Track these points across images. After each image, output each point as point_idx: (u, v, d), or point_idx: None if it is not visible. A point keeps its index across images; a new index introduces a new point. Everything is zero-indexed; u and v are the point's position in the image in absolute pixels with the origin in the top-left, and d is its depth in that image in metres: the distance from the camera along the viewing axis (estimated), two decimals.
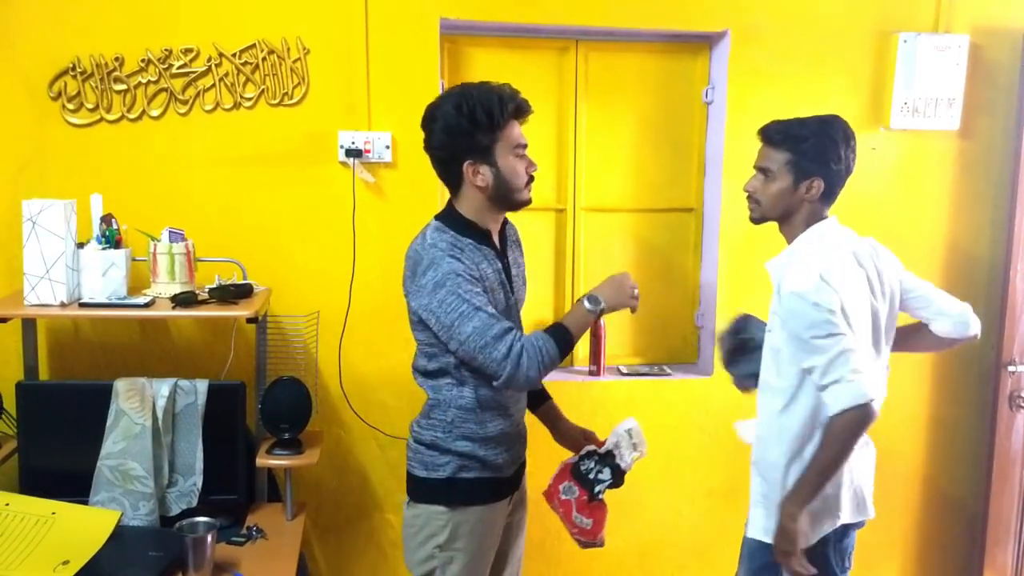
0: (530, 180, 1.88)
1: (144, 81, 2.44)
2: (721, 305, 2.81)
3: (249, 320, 2.20)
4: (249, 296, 2.27)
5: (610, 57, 2.81)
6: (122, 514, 2.07)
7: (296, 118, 2.52)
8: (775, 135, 1.93)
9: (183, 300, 2.17)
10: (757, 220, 2.01)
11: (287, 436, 2.29)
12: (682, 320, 2.99)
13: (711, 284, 2.87)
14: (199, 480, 2.22)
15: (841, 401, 1.78)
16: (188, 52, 2.45)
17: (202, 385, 2.24)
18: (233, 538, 2.18)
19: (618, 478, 2.05)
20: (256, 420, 2.37)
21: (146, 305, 2.16)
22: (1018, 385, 2.91)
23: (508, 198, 1.86)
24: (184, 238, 2.28)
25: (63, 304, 2.14)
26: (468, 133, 1.79)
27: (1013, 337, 2.89)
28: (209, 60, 2.46)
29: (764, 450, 1.97)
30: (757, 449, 2.01)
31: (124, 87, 2.44)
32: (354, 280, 2.56)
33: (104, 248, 2.22)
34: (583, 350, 2.90)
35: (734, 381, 2.16)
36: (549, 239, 2.87)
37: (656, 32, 2.75)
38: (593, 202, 2.87)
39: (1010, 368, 2.89)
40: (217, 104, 2.48)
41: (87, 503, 2.15)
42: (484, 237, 1.88)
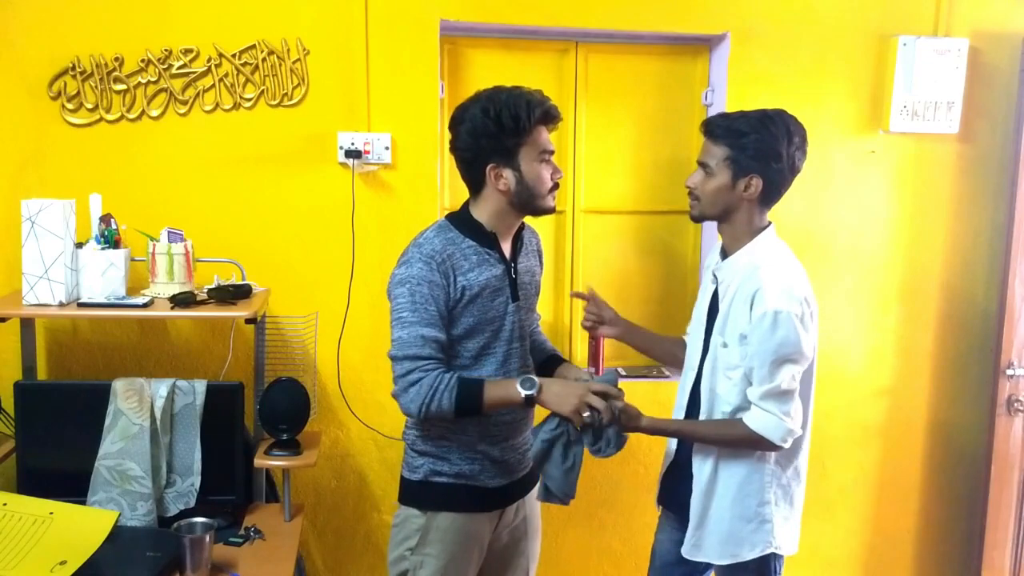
0: (554, 187, 1.86)
1: (144, 81, 2.44)
2: None
3: (248, 320, 2.20)
4: (248, 296, 2.27)
5: (610, 59, 2.81)
6: (120, 514, 2.06)
7: (296, 119, 2.52)
8: (716, 129, 1.85)
9: (182, 300, 2.17)
10: (696, 218, 1.94)
11: (285, 437, 2.29)
12: (681, 322, 2.96)
13: None
14: (197, 480, 2.22)
15: (762, 429, 1.79)
16: (188, 52, 2.45)
17: (200, 385, 2.24)
18: (231, 539, 2.18)
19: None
20: (254, 421, 2.37)
21: (145, 305, 2.16)
22: (1016, 389, 2.91)
23: (530, 204, 1.85)
24: (183, 238, 2.28)
25: (62, 304, 2.14)
26: (494, 136, 1.78)
27: (1011, 341, 2.88)
28: (209, 60, 2.46)
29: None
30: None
31: (124, 87, 2.44)
32: (353, 281, 2.56)
33: (103, 248, 2.22)
34: (582, 351, 2.89)
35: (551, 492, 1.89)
36: (548, 241, 2.86)
37: (656, 34, 2.75)
38: (592, 204, 2.87)
39: (1008, 372, 2.89)
40: (217, 104, 2.48)
41: (85, 503, 2.15)
42: (489, 241, 1.86)
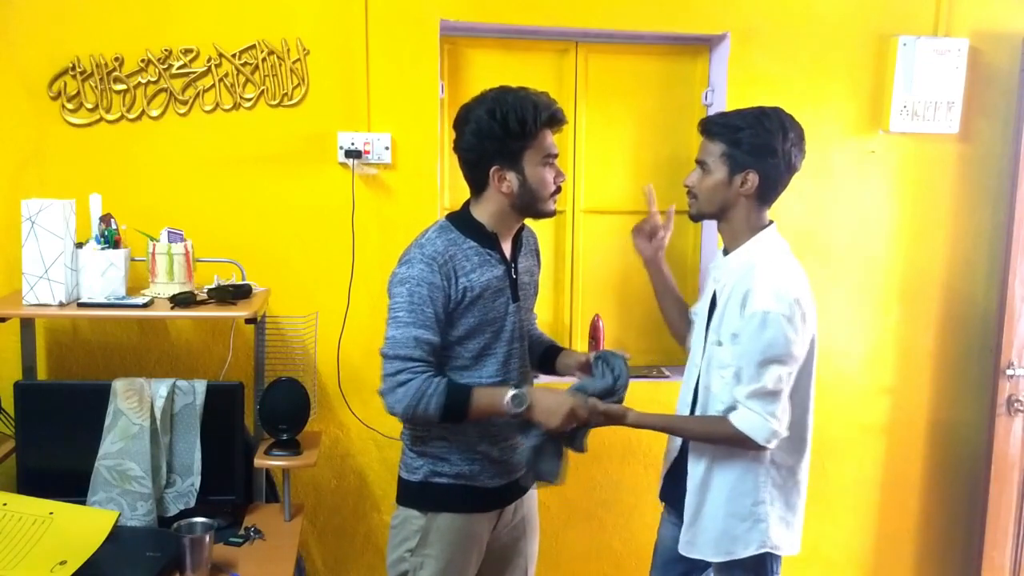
0: (557, 191, 1.86)
1: (144, 81, 2.44)
2: None
3: (248, 321, 2.20)
4: (248, 296, 2.27)
5: (610, 59, 2.81)
6: (120, 514, 2.06)
7: (296, 119, 2.52)
8: (712, 126, 1.87)
9: (182, 300, 2.17)
10: (694, 216, 1.95)
11: (285, 437, 2.29)
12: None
13: None
14: (197, 480, 2.22)
15: (747, 428, 1.78)
16: (188, 52, 2.45)
17: (200, 385, 2.24)
18: (231, 539, 2.18)
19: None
20: (254, 421, 2.37)
21: (145, 305, 2.16)
22: (1016, 389, 2.91)
23: (532, 207, 1.85)
24: (183, 238, 2.28)
25: (62, 304, 2.14)
26: (499, 139, 1.77)
27: (1011, 341, 2.88)
28: (209, 60, 2.46)
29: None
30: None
31: (124, 87, 2.43)
32: (353, 281, 2.56)
33: (103, 248, 2.22)
34: (581, 350, 2.88)
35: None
36: (548, 241, 2.86)
37: (656, 34, 2.75)
38: (592, 204, 2.87)
39: (1008, 372, 2.89)
40: (217, 104, 2.48)
41: (85, 503, 2.15)
42: (491, 242, 1.86)
